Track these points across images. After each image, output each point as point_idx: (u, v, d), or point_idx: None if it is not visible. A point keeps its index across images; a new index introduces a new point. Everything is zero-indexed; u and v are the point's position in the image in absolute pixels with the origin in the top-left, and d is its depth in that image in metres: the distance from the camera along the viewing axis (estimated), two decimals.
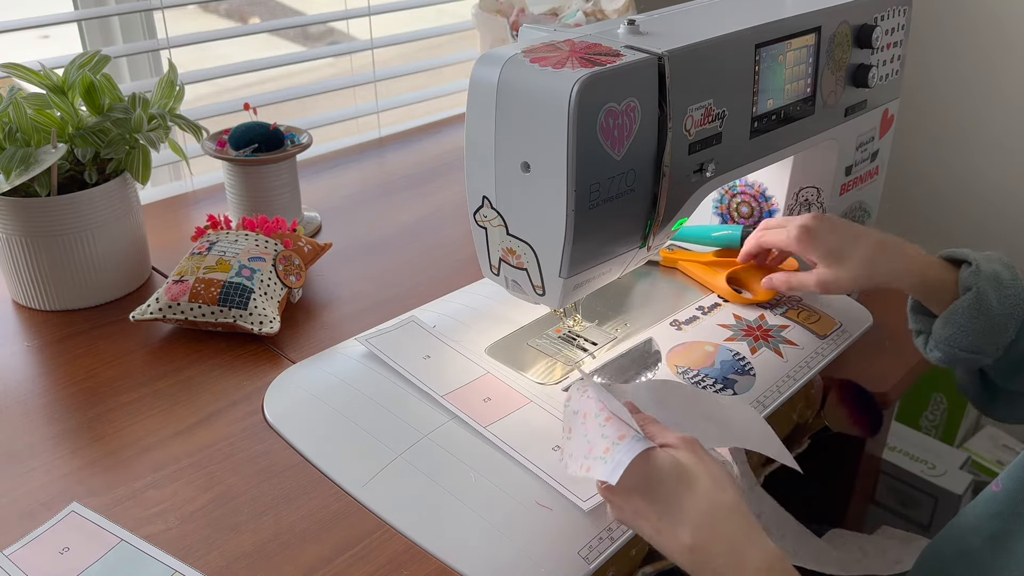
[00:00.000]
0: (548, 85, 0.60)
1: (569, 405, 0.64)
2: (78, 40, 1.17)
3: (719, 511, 0.54)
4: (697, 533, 0.54)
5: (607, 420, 0.59)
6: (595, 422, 0.59)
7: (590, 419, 0.60)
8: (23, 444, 0.70)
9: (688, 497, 0.55)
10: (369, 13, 1.38)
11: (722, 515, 0.54)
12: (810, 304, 0.88)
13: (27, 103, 0.83)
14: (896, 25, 0.88)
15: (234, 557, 0.60)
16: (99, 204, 0.86)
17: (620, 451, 0.55)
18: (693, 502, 0.55)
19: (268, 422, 0.73)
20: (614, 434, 0.57)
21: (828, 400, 0.85)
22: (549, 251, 0.65)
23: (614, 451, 0.56)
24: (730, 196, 0.94)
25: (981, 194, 1.78)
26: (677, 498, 0.55)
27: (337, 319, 0.89)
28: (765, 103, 0.75)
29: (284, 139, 1.01)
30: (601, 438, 0.58)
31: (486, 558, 0.59)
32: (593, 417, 0.60)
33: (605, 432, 0.58)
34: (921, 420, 1.57)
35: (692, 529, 0.54)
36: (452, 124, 1.46)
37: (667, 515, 0.55)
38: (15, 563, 0.58)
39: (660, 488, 0.55)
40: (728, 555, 0.53)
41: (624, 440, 0.56)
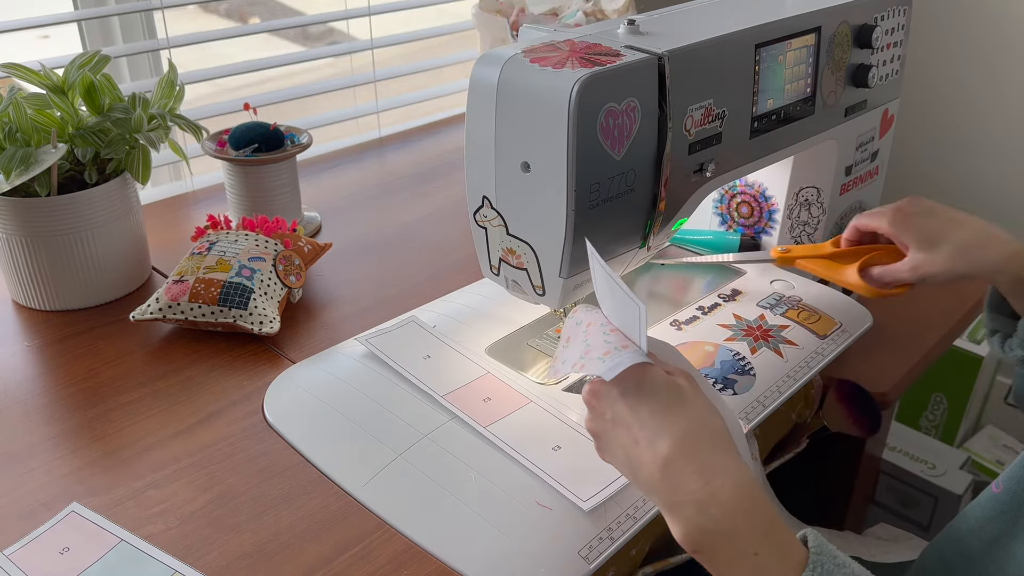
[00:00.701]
0: (548, 85, 0.60)
1: (573, 317, 0.63)
2: (78, 40, 1.17)
3: (703, 433, 0.54)
4: (676, 447, 0.53)
5: (612, 331, 0.58)
6: (599, 330, 0.58)
7: (594, 328, 0.59)
8: (23, 444, 0.70)
9: (676, 414, 0.54)
10: (369, 13, 1.38)
11: (706, 437, 0.54)
12: (810, 304, 0.88)
13: (27, 103, 0.83)
14: (896, 25, 0.88)
15: (234, 557, 0.60)
16: (99, 204, 0.86)
17: (620, 355, 0.55)
18: (680, 419, 0.54)
19: (268, 422, 0.73)
20: (617, 342, 0.56)
21: (827, 400, 0.85)
22: (549, 251, 0.65)
23: (614, 355, 0.55)
24: (730, 196, 0.95)
25: (981, 194, 1.78)
26: (664, 412, 0.54)
27: (337, 319, 0.89)
28: (765, 103, 0.75)
29: (284, 139, 1.01)
30: (603, 343, 0.56)
31: (486, 558, 0.59)
32: (599, 326, 0.59)
33: (608, 339, 0.57)
34: (921, 420, 1.57)
35: (672, 442, 0.53)
36: (452, 124, 1.46)
37: (650, 426, 0.54)
38: (15, 563, 0.58)
39: (650, 399, 0.54)
40: (705, 474, 0.52)
41: (627, 349, 0.55)
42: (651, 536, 0.66)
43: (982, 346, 1.53)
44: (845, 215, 0.93)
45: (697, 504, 0.52)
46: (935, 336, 0.94)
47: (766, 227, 0.93)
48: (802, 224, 0.92)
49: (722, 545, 0.51)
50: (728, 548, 0.51)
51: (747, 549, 0.51)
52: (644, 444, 0.54)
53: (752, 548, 0.51)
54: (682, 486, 0.52)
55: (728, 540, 0.51)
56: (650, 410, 0.54)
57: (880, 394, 0.84)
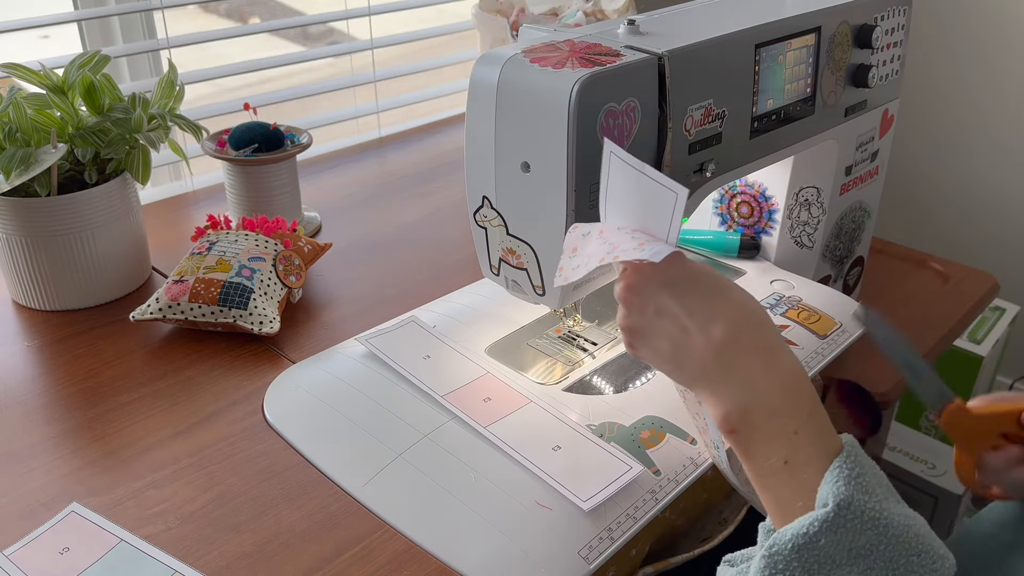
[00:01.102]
0: (548, 85, 0.60)
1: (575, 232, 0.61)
2: (78, 40, 1.17)
3: (753, 316, 0.54)
4: (730, 329, 0.53)
5: (634, 231, 0.56)
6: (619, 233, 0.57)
7: (610, 232, 0.57)
8: (23, 444, 0.70)
9: (724, 299, 0.54)
10: (369, 13, 1.38)
11: (756, 319, 0.54)
12: (810, 304, 0.88)
13: (27, 103, 0.83)
14: (896, 25, 0.88)
15: (234, 557, 0.60)
16: (99, 204, 0.86)
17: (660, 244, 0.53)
18: (729, 303, 0.54)
19: (268, 422, 0.73)
20: (646, 237, 0.55)
21: (827, 400, 0.85)
22: (549, 251, 0.65)
23: (651, 244, 0.53)
24: (730, 196, 0.95)
25: (981, 195, 1.78)
26: (712, 298, 0.54)
27: (337, 319, 0.89)
28: (765, 103, 0.75)
29: (284, 139, 1.01)
30: (630, 238, 0.55)
31: (486, 558, 0.59)
32: (614, 230, 0.57)
33: (635, 236, 0.55)
34: (921, 420, 1.57)
35: (727, 325, 0.53)
36: (452, 124, 1.46)
37: (699, 312, 0.53)
38: (15, 563, 0.58)
39: (696, 286, 0.54)
40: (760, 353, 0.52)
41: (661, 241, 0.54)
42: (651, 536, 0.66)
43: (982, 346, 1.53)
44: (845, 215, 0.94)
45: (748, 383, 0.52)
46: (935, 336, 0.94)
47: (766, 227, 0.93)
48: (802, 224, 0.92)
49: (765, 422, 0.51)
50: (770, 425, 0.51)
51: (788, 427, 0.51)
52: (695, 331, 0.53)
53: (793, 426, 0.51)
54: (737, 367, 0.52)
55: (772, 417, 0.51)
56: (697, 297, 0.54)
57: (880, 394, 0.84)
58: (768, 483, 0.51)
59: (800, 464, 0.49)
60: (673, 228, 0.55)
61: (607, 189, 0.59)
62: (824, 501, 0.47)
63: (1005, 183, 1.74)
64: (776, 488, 0.50)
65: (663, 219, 0.55)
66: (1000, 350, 1.62)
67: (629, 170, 0.56)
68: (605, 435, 0.69)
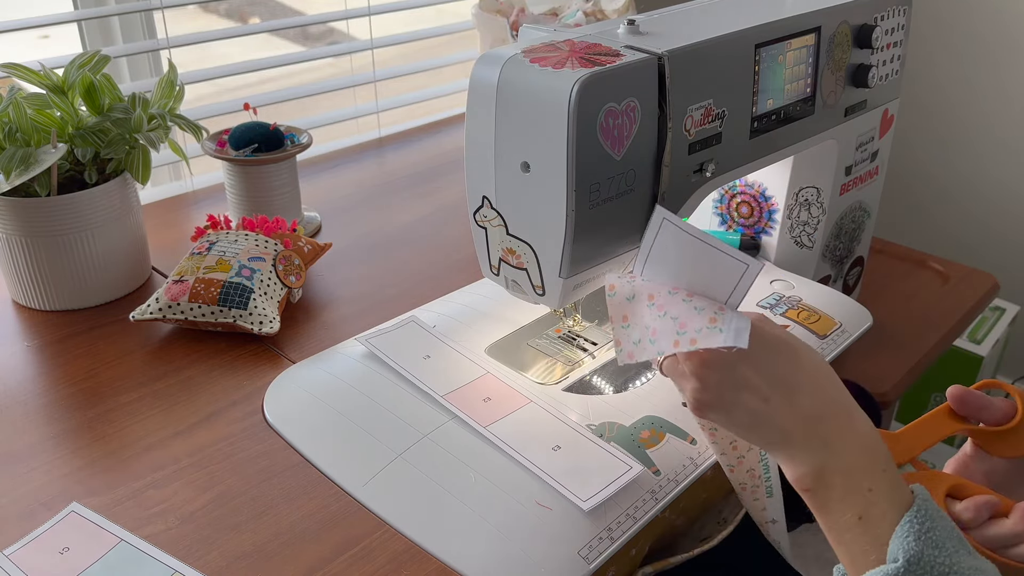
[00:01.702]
0: (548, 85, 0.60)
1: (616, 295, 0.60)
2: (78, 40, 1.17)
3: (828, 379, 0.55)
4: (814, 398, 0.54)
5: (689, 295, 0.56)
6: (674, 299, 0.56)
7: (663, 297, 0.56)
8: (23, 444, 0.70)
9: (799, 365, 0.54)
10: (369, 13, 1.38)
11: (831, 382, 0.55)
12: (810, 304, 0.88)
13: (27, 103, 0.83)
14: (896, 25, 0.88)
15: (234, 557, 0.60)
16: (99, 204, 0.86)
17: (733, 318, 0.53)
18: (805, 369, 0.54)
19: (268, 422, 0.73)
20: (710, 305, 0.54)
21: None
22: (549, 251, 0.65)
23: (724, 319, 0.53)
24: (730, 196, 0.95)
25: (987, 194, 1.78)
26: (792, 366, 0.54)
27: (337, 319, 0.89)
28: (765, 103, 0.75)
29: (284, 139, 1.01)
30: (696, 311, 0.55)
31: (486, 558, 0.59)
32: (667, 295, 0.56)
33: (697, 305, 0.55)
34: None
35: (810, 395, 0.54)
36: (452, 124, 1.46)
37: (781, 383, 0.54)
38: (15, 563, 0.58)
39: (774, 356, 0.54)
40: (839, 417, 0.53)
41: (725, 309, 0.54)
42: (651, 536, 0.66)
43: (982, 346, 1.53)
44: (845, 215, 0.94)
45: (828, 445, 0.53)
46: (935, 336, 0.94)
47: (766, 227, 0.93)
48: (802, 224, 0.92)
49: (842, 481, 0.52)
50: (846, 484, 0.52)
51: (863, 485, 0.52)
52: (779, 402, 0.54)
53: (868, 484, 0.52)
54: (822, 432, 0.53)
55: (849, 476, 0.52)
56: (777, 366, 0.54)
57: (880, 394, 0.84)
58: (842, 538, 0.52)
59: (874, 519, 0.51)
60: (736, 296, 0.55)
61: (651, 251, 0.58)
62: (895, 556, 0.48)
63: (1005, 183, 1.74)
64: (850, 543, 0.52)
65: (724, 287, 0.55)
66: (1000, 350, 1.62)
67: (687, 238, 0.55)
68: (605, 435, 0.69)
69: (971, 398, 0.61)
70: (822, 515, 0.53)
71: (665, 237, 0.57)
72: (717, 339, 0.53)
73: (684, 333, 0.55)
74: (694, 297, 0.56)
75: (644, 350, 0.57)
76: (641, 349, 0.58)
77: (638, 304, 0.59)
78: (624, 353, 0.58)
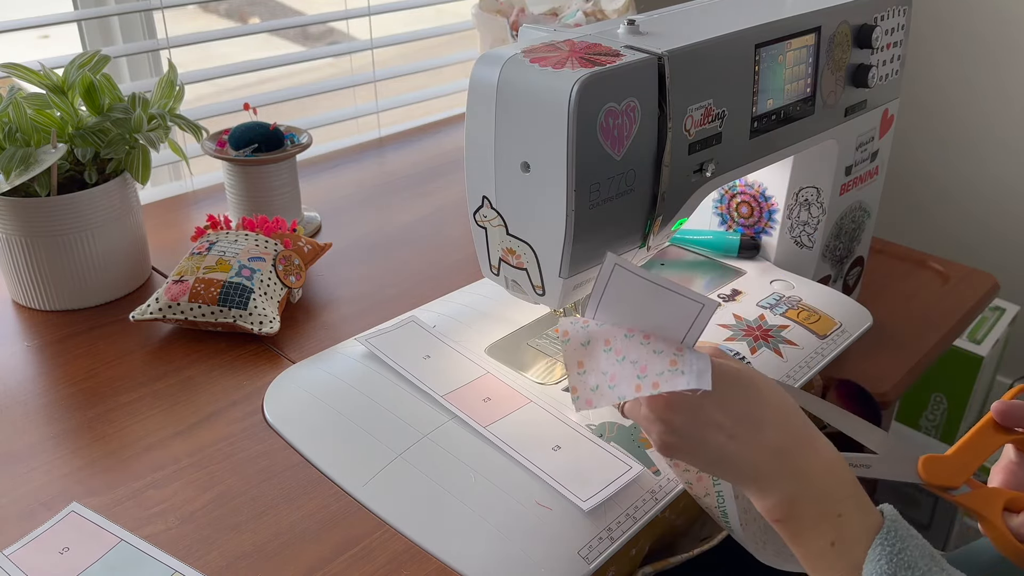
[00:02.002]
0: (548, 85, 0.60)
1: (570, 341, 0.59)
2: (78, 40, 1.17)
3: (790, 410, 0.55)
4: (779, 431, 0.54)
5: (647, 338, 0.55)
6: (631, 342, 0.55)
7: (619, 341, 0.56)
8: (23, 444, 0.70)
9: (760, 399, 0.55)
10: (369, 13, 1.38)
11: (790, 412, 0.55)
12: (810, 304, 0.88)
13: (27, 103, 0.83)
14: (896, 25, 0.88)
15: (234, 557, 0.60)
16: (99, 204, 0.86)
17: (693, 359, 0.53)
18: (767, 402, 0.55)
19: (268, 422, 0.73)
20: (668, 347, 0.54)
21: (827, 400, 0.85)
22: (549, 251, 0.65)
23: (684, 360, 0.53)
24: (730, 196, 0.95)
25: (981, 194, 1.78)
26: (753, 402, 0.54)
27: (337, 319, 0.89)
28: (765, 103, 0.75)
29: (284, 139, 1.01)
30: (655, 354, 0.54)
31: (486, 558, 0.59)
32: (623, 339, 0.56)
33: (656, 347, 0.54)
34: (921, 420, 1.57)
35: (774, 428, 0.54)
36: (452, 124, 1.46)
37: (746, 419, 0.54)
38: (15, 563, 0.58)
39: (736, 393, 0.54)
40: (804, 447, 0.54)
41: (684, 350, 0.53)
42: (651, 536, 0.66)
43: (982, 346, 1.53)
44: (845, 215, 0.94)
45: (795, 475, 0.53)
46: (935, 336, 0.94)
47: (766, 227, 0.93)
48: (802, 224, 0.92)
49: (812, 509, 0.53)
50: (816, 511, 0.53)
51: (832, 511, 0.52)
52: (745, 438, 0.54)
53: (837, 510, 0.52)
54: (789, 464, 0.53)
55: (817, 504, 0.53)
56: (740, 404, 0.54)
57: (880, 394, 0.85)
58: (818, 565, 0.53)
59: (847, 544, 0.51)
60: (691, 336, 0.55)
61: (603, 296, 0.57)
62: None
63: (1005, 183, 1.74)
64: (826, 570, 0.52)
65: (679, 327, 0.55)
66: (1000, 350, 1.62)
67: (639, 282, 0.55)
68: (605, 435, 0.69)
69: (1016, 410, 0.60)
70: (796, 544, 0.54)
71: (617, 282, 0.57)
72: (680, 382, 0.53)
73: (645, 377, 0.54)
74: (651, 339, 0.56)
75: (603, 396, 0.57)
76: (600, 395, 0.57)
77: (594, 349, 0.58)
78: (582, 400, 0.58)
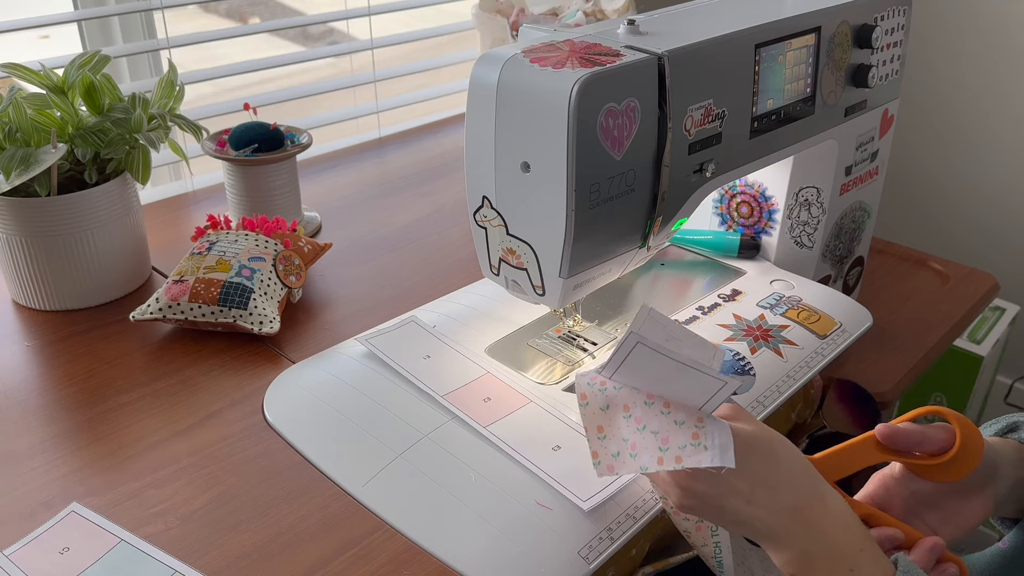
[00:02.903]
0: (548, 85, 0.60)
1: (589, 405, 0.59)
2: (78, 40, 1.17)
3: (804, 469, 0.57)
4: (794, 492, 0.55)
5: (667, 406, 0.56)
6: (651, 411, 0.56)
7: (639, 409, 0.56)
8: (23, 444, 0.70)
9: (775, 461, 0.56)
10: (369, 13, 1.38)
11: (802, 470, 0.56)
12: (810, 304, 0.88)
13: (27, 103, 0.83)
14: (896, 25, 0.88)
15: (234, 557, 0.60)
16: (99, 204, 0.86)
17: (715, 432, 0.53)
18: (781, 464, 0.56)
19: (268, 422, 0.73)
20: (690, 417, 0.54)
21: (827, 400, 0.85)
22: (549, 251, 0.65)
23: (706, 434, 0.53)
24: (730, 196, 0.95)
25: (981, 194, 1.78)
26: (768, 464, 0.55)
27: (337, 319, 0.89)
28: (765, 103, 0.75)
29: (284, 139, 1.01)
30: (676, 425, 0.55)
31: (486, 558, 0.59)
32: (643, 406, 0.56)
33: (677, 418, 0.55)
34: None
35: (790, 490, 0.55)
36: (452, 124, 1.46)
37: (762, 484, 0.55)
38: (15, 563, 0.58)
39: (752, 457, 0.55)
40: (815, 506, 0.55)
41: (705, 422, 0.54)
42: (651, 536, 0.66)
43: (982, 346, 1.53)
44: (845, 215, 0.94)
45: (809, 532, 0.54)
46: (935, 336, 0.94)
47: (766, 227, 0.93)
48: (802, 224, 0.92)
49: (825, 564, 0.54)
50: (829, 565, 0.54)
51: (845, 565, 0.54)
52: (762, 501, 0.55)
53: (849, 564, 0.54)
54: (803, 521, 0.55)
55: (831, 558, 0.54)
56: (757, 469, 0.55)
57: (880, 394, 0.84)
58: None
59: None
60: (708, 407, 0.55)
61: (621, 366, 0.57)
62: None
63: (1005, 183, 1.74)
64: None
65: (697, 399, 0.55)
66: (1000, 350, 1.62)
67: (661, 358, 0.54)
68: None
69: (901, 436, 0.62)
70: None
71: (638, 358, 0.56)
72: (703, 458, 0.53)
73: (667, 449, 0.55)
74: (672, 408, 0.56)
75: (625, 464, 0.57)
76: (621, 463, 0.57)
77: (614, 415, 0.58)
78: (603, 466, 0.58)
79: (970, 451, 0.61)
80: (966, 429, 0.61)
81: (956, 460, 0.61)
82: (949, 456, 0.60)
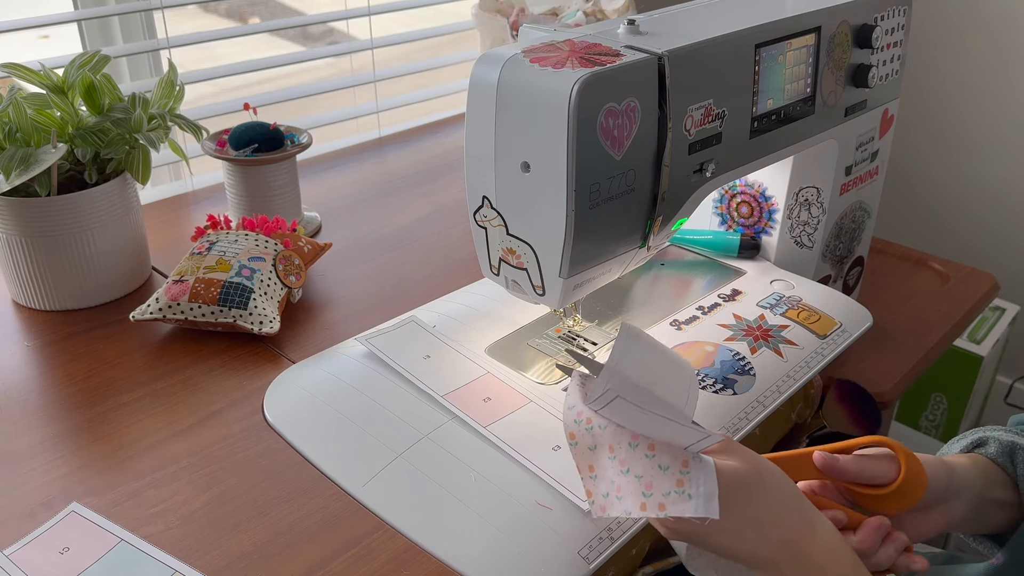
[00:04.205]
0: (548, 85, 0.60)
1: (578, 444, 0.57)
2: (78, 40, 1.17)
3: (788, 501, 0.56)
4: (784, 527, 0.55)
5: (651, 448, 0.54)
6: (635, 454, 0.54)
7: (624, 451, 0.55)
8: (23, 444, 0.70)
9: (765, 498, 0.55)
10: (369, 13, 1.38)
11: (791, 503, 0.56)
12: (810, 304, 0.88)
13: (27, 103, 0.83)
14: (896, 25, 0.88)
15: (234, 557, 0.60)
16: (99, 204, 0.86)
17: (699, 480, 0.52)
18: (770, 500, 0.55)
19: (268, 422, 0.73)
20: (675, 462, 0.53)
21: (827, 400, 0.85)
22: (549, 251, 0.65)
23: (691, 481, 0.52)
24: (730, 196, 0.95)
25: (981, 194, 1.78)
26: (757, 502, 0.55)
27: (337, 319, 0.89)
28: (765, 103, 0.75)
29: (284, 139, 1.01)
30: (660, 470, 0.53)
31: (486, 558, 0.59)
32: (627, 448, 0.54)
33: (661, 462, 0.53)
34: (921, 420, 1.57)
35: (779, 524, 0.55)
36: (452, 124, 1.46)
37: (754, 522, 0.55)
38: (15, 563, 0.58)
39: (741, 496, 0.54)
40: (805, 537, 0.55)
41: (690, 466, 0.52)
42: (651, 536, 0.66)
43: (982, 346, 1.53)
44: (845, 215, 0.94)
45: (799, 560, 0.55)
46: (935, 336, 0.94)
47: (766, 227, 0.93)
48: (802, 224, 0.92)
49: None
50: None
51: None
52: (751, 537, 0.55)
53: None
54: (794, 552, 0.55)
55: None
56: (746, 508, 0.55)
57: (880, 394, 0.85)
58: None
59: None
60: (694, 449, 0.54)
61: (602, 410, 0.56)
62: None
63: (1005, 183, 1.74)
64: None
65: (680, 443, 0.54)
66: (1000, 350, 1.62)
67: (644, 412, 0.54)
68: None
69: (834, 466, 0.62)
70: None
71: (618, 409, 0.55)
72: (687, 508, 0.52)
73: (651, 495, 0.53)
74: (657, 451, 0.54)
75: (613, 506, 0.55)
76: (610, 504, 0.56)
77: (600, 455, 0.57)
78: (596, 506, 0.56)
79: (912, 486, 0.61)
80: (911, 462, 0.61)
81: (896, 494, 0.61)
82: (890, 489, 0.61)
